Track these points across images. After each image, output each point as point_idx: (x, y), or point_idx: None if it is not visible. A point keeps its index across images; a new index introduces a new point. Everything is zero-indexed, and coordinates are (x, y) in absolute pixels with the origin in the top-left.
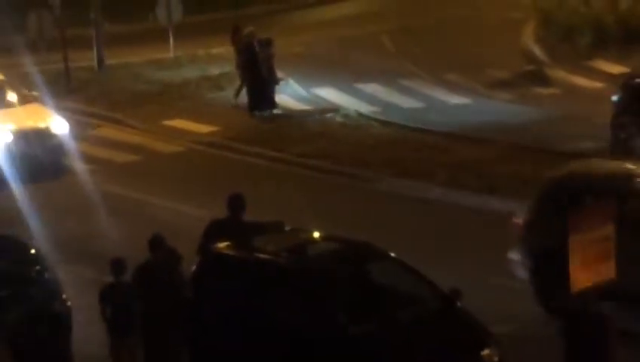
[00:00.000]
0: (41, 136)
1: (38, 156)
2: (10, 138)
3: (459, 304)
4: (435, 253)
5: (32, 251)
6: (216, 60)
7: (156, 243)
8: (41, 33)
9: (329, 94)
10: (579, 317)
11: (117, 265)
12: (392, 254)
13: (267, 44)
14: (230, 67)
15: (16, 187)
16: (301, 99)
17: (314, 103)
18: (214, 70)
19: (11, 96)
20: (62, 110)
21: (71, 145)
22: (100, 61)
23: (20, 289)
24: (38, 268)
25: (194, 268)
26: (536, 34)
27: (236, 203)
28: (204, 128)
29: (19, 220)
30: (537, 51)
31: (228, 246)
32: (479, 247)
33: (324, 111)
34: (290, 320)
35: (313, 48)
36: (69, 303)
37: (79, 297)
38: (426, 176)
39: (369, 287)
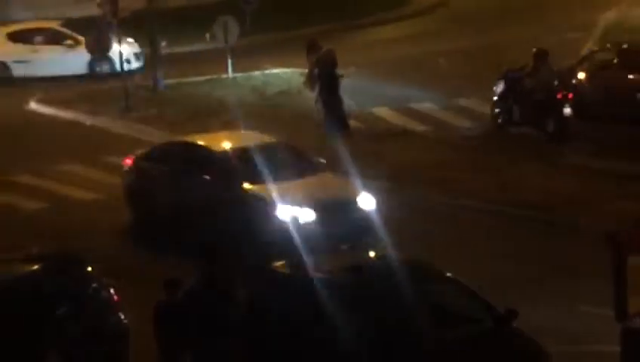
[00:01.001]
0: (348, 213)
1: (343, 237)
2: (312, 215)
3: (514, 324)
4: (498, 271)
5: (89, 269)
6: (273, 80)
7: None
8: (101, 52)
9: (383, 113)
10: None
11: (171, 284)
12: (448, 273)
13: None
14: (287, 86)
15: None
16: (355, 118)
17: (368, 122)
18: (271, 89)
19: (310, 164)
20: (121, 129)
21: (378, 222)
22: (158, 80)
23: (78, 307)
24: (95, 285)
25: (250, 286)
26: None
27: None
28: None
29: None
30: None
31: (284, 265)
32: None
33: (378, 130)
34: (348, 340)
35: (368, 68)
36: (125, 321)
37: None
38: (481, 195)
39: (424, 306)
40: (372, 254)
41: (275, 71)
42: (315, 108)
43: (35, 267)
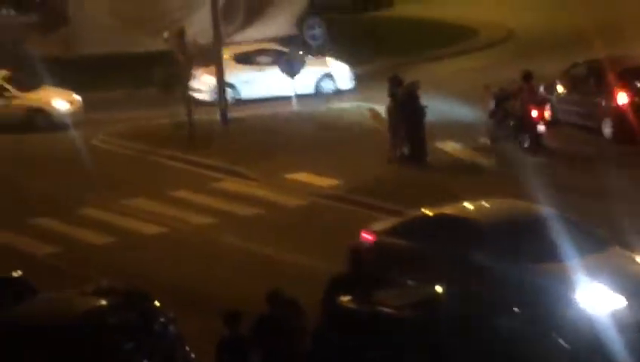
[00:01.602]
0: None
1: None
2: (621, 301)
3: None
4: None
5: (156, 304)
6: (339, 114)
7: (275, 296)
8: (168, 86)
9: (451, 148)
10: None
11: (232, 318)
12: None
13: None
14: (353, 120)
15: None
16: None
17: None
18: (340, 123)
19: (595, 237)
20: (184, 163)
21: None
22: (224, 114)
23: (146, 341)
24: (162, 320)
25: (316, 320)
26: None
27: (358, 257)
28: (326, 181)
29: None
30: None
31: (350, 300)
32: None
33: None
34: None
35: (437, 101)
36: (192, 355)
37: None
38: None
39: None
40: (439, 289)
41: (342, 105)
42: (393, 143)
43: (103, 301)
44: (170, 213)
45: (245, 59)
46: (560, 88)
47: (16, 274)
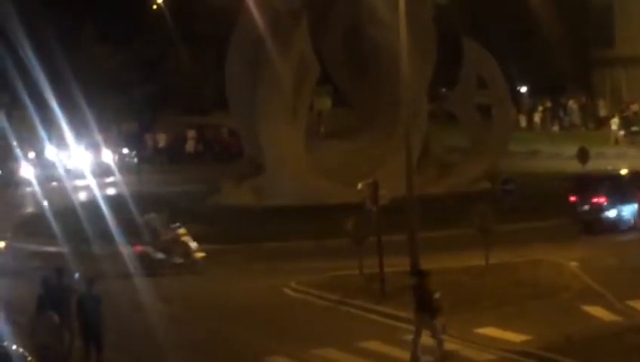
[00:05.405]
0: None
1: None
2: None
3: None
4: None
5: None
6: (536, 271)
7: None
8: (358, 237)
9: None
10: None
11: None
12: None
13: None
14: (552, 279)
15: None
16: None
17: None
18: (534, 281)
19: None
20: (376, 315)
21: None
22: (415, 266)
23: None
24: None
25: None
26: None
27: None
28: (516, 337)
29: None
30: None
31: None
32: None
33: None
34: None
35: None
36: None
37: None
38: None
39: None
40: None
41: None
42: None
43: None
44: None
45: None
46: None
47: None
